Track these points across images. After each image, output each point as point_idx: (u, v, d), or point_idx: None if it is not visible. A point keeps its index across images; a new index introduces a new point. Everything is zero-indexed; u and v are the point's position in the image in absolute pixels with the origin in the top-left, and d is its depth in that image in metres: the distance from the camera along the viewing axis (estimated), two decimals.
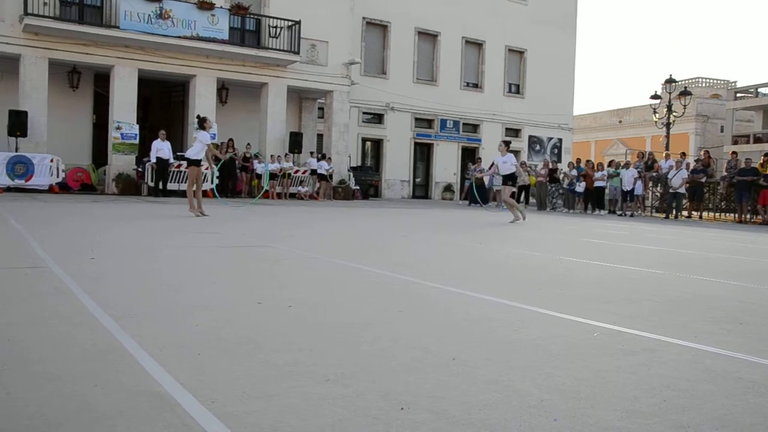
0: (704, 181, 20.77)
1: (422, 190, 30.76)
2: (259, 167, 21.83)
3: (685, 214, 21.00)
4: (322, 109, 25.99)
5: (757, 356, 3.30)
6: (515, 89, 32.89)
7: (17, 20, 18.66)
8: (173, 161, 19.58)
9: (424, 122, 30.15)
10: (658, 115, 27.04)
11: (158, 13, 20.13)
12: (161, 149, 19.19)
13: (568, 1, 34.09)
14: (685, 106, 26.27)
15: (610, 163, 23.77)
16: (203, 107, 21.55)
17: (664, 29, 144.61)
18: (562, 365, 3.00)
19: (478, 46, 31.44)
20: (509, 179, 14.23)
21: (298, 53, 22.40)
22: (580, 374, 2.87)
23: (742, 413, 2.44)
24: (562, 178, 23.57)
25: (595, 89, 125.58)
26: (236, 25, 22.06)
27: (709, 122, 43.29)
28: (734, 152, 22.28)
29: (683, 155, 21.88)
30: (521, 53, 32.73)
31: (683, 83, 39.74)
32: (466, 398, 2.49)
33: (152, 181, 19.65)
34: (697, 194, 20.78)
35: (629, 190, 21.22)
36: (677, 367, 3.06)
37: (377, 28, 28.76)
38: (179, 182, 19.93)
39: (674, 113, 26.28)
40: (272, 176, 21.77)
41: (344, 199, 23.39)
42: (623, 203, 21.69)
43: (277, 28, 22.28)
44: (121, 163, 20.26)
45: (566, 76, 33.93)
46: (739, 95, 41.76)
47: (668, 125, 26.36)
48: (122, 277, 5.14)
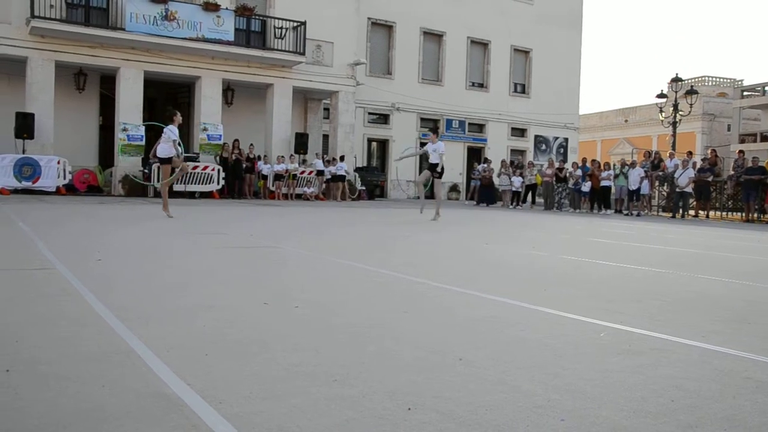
0: (711, 180, 20.71)
1: (428, 189, 30.66)
2: (264, 168, 21.86)
3: (691, 213, 20.93)
4: (327, 109, 26.01)
5: (765, 356, 3.28)
6: (521, 89, 32.84)
7: (24, 23, 18.73)
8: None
9: (429, 122, 30.10)
10: (664, 114, 26.97)
11: (164, 14, 20.17)
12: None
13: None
14: (691, 105, 26.21)
15: (628, 163, 23.61)
16: (209, 108, 21.64)
17: (670, 28, 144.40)
18: (568, 365, 2.99)
19: (483, 45, 31.41)
20: (433, 169, 13.68)
21: (303, 54, 22.41)
22: (587, 374, 2.86)
23: (750, 413, 2.43)
24: (567, 177, 23.52)
25: (601, 88, 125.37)
26: (241, 26, 22.09)
27: (715, 121, 43.18)
28: (741, 151, 22.20)
29: (690, 154, 21.82)
30: (527, 53, 32.69)
31: (689, 82, 39.64)
32: (473, 398, 2.48)
33: (158, 182, 19.68)
34: (703, 193, 20.72)
35: (635, 189, 21.16)
36: (685, 366, 3.05)
37: (382, 28, 28.77)
38: (185, 183, 19.97)
39: (680, 112, 26.21)
40: (278, 177, 21.80)
41: (351, 199, 23.40)
42: (629, 203, 21.63)
43: (282, 29, 22.31)
44: (127, 164, 20.31)
45: (572, 75, 33.86)
46: (746, 94, 41.65)
47: (674, 124, 26.30)
48: (129, 278, 5.15)
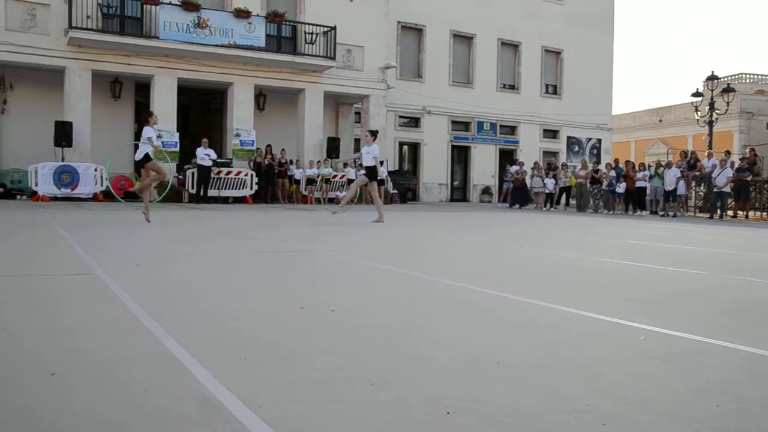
0: (750, 179, 20.32)
1: (460, 193, 30.63)
2: (297, 173, 21.98)
3: (730, 213, 20.56)
4: (358, 113, 26.07)
5: None
6: (552, 90, 32.59)
7: (62, 34, 19.12)
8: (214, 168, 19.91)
9: (460, 125, 30.04)
10: (699, 113, 26.52)
11: (196, 22, 20.42)
12: (204, 157, 19.53)
13: None
14: (728, 103, 25.74)
15: (663, 163, 23.23)
16: (241, 114, 21.85)
17: (704, 25, 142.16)
18: (607, 368, 2.96)
19: (514, 47, 31.24)
20: (370, 172, 12.96)
21: (334, 59, 22.51)
22: (627, 378, 2.83)
23: None
24: (601, 178, 23.24)
25: (634, 88, 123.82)
26: (272, 32, 22.25)
27: (754, 119, 42.32)
28: None
29: (727, 153, 21.44)
30: (558, 54, 32.43)
31: (726, 80, 38.93)
32: (511, 402, 2.47)
33: (193, 187, 19.93)
34: (742, 193, 20.34)
35: (671, 190, 20.85)
36: (729, 371, 2.99)
37: (412, 31, 28.77)
38: (219, 189, 20.19)
39: (717, 111, 25.75)
40: (310, 181, 21.91)
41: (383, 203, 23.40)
42: (665, 203, 21.32)
43: (312, 34, 22.43)
44: None
45: (604, 75, 33.49)
46: None
47: (711, 123, 25.85)
48: (167, 282, 5.21)
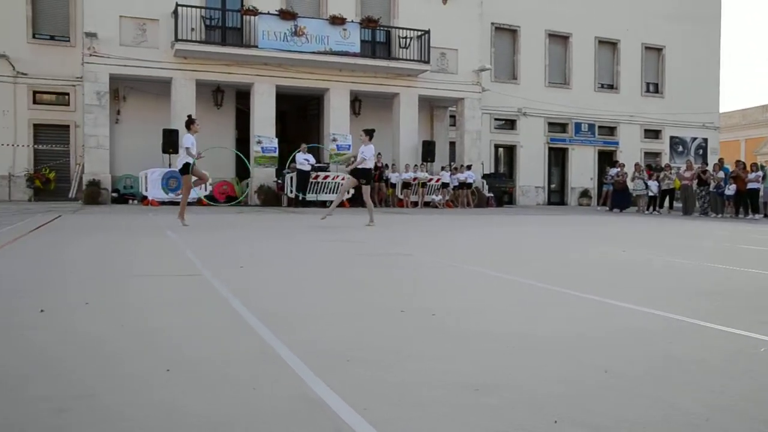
0: None
1: (557, 196, 30.00)
2: (393, 176, 22.11)
3: None
4: (453, 116, 25.98)
5: None
6: (654, 88, 31.44)
7: (169, 46, 19.98)
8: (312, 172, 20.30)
9: (557, 126, 29.43)
10: None
11: (293, 30, 20.88)
12: (303, 162, 19.95)
13: None
14: None
15: None
16: (337, 119, 22.16)
17: None
18: (726, 381, 2.81)
19: (612, 45, 30.35)
20: (362, 175, 12.16)
21: (428, 62, 22.53)
22: (749, 393, 2.68)
23: None
24: (708, 180, 22.18)
25: (744, 83, 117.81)
26: (367, 37, 22.49)
27: None
28: None
29: None
30: (659, 50, 31.26)
31: None
32: (622, 413, 2.38)
33: (292, 191, 20.37)
34: None
35: None
36: None
37: (506, 32, 28.43)
38: (317, 193, 20.55)
39: None
40: (406, 185, 21.99)
41: (478, 206, 23.24)
42: None
43: (406, 38, 22.52)
44: (262, 175, 21.15)
45: (710, 71, 31.99)
46: None
47: None
48: (271, 284, 5.34)
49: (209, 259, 6.82)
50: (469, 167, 23.47)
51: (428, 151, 22.99)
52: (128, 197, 20.33)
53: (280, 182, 21.02)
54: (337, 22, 21.41)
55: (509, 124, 28.68)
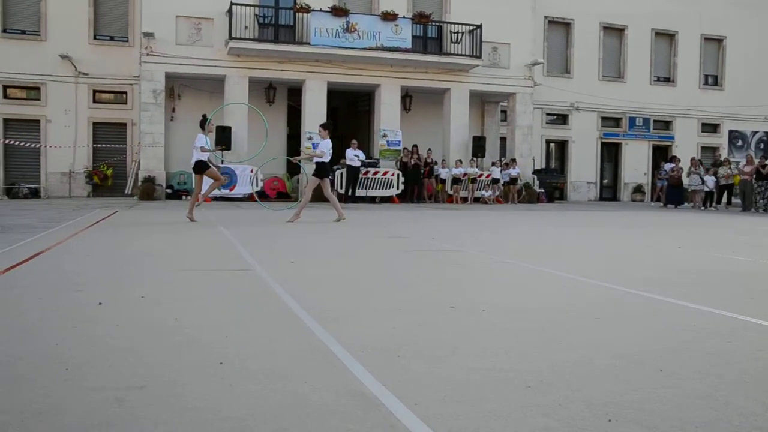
0: None
1: (610, 191, 29.49)
2: (443, 172, 22.04)
3: None
4: (504, 112, 25.76)
5: None
6: (712, 81, 30.60)
7: (223, 45, 20.29)
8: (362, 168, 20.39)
9: (611, 121, 28.91)
10: None
11: (345, 27, 20.97)
12: (353, 158, 20.06)
13: None
14: None
15: None
16: (388, 115, 22.19)
17: None
18: None
19: (669, 37, 29.64)
20: (319, 170, 11.72)
21: (479, 57, 22.37)
22: None
23: None
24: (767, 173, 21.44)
25: None
26: (418, 33, 22.44)
27: None
28: None
29: None
30: (719, 41, 30.39)
31: None
32: (678, 413, 2.33)
33: (342, 187, 20.49)
34: None
35: None
36: None
37: (560, 26, 28.04)
38: (366, 188, 20.62)
39: None
40: (455, 180, 21.90)
41: (529, 202, 23.01)
42: None
43: (458, 33, 22.40)
44: (312, 171, 21.29)
45: None
46: None
47: None
48: (320, 280, 5.38)
49: (260, 254, 6.91)
50: (513, 161, 23.25)
51: (478, 146, 22.84)
52: (182, 193, 20.72)
53: (330, 178, 21.16)
54: (388, 18, 21.42)
55: (561, 118, 28.30)
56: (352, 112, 26.15)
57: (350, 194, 20.20)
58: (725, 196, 23.17)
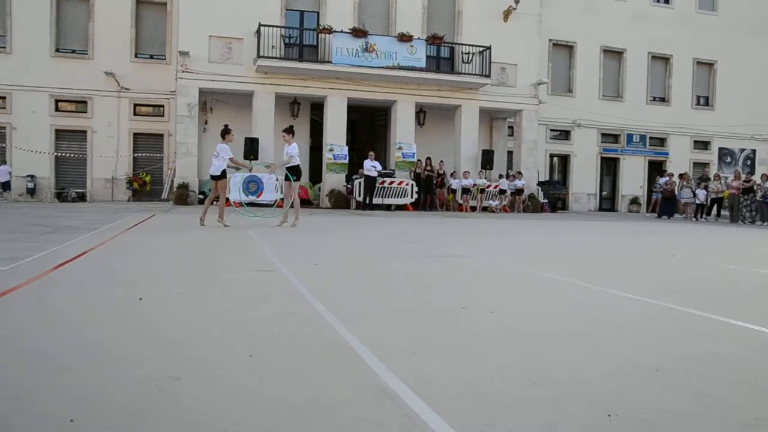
0: None
1: (608, 202, 29.32)
2: (453, 182, 22.02)
3: None
4: (511, 127, 25.68)
5: None
6: (704, 101, 30.37)
7: (252, 63, 20.40)
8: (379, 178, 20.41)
9: (610, 137, 28.76)
10: None
11: (364, 47, 21.02)
12: (370, 169, 20.09)
13: (763, 7, 30.87)
14: None
15: None
16: (403, 129, 22.20)
17: None
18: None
19: (664, 60, 29.46)
20: (293, 173, 11.48)
21: (489, 76, 22.33)
22: None
23: None
24: (755, 189, 21.26)
25: None
26: (432, 53, 22.44)
27: None
28: None
29: None
30: (711, 65, 30.17)
31: None
32: (672, 409, 2.33)
33: (360, 195, 20.51)
34: None
35: None
36: None
37: (563, 48, 27.94)
38: (383, 197, 20.64)
39: None
40: (465, 191, 21.86)
41: (533, 212, 22.94)
42: None
43: (469, 54, 22.39)
44: (333, 180, 21.37)
45: (761, 85, 30.66)
46: None
47: None
48: (341, 281, 5.39)
49: (286, 256, 6.93)
50: (519, 174, 23.20)
51: (487, 159, 22.79)
52: (213, 199, 20.77)
53: (349, 187, 21.20)
54: (404, 39, 21.45)
55: (564, 134, 28.18)
56: (370, 125, 26.17)
57: (367, 202, 20.21)
58: (715, 208, 23.00)
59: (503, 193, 22.70)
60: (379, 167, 20.48)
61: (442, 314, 4.01)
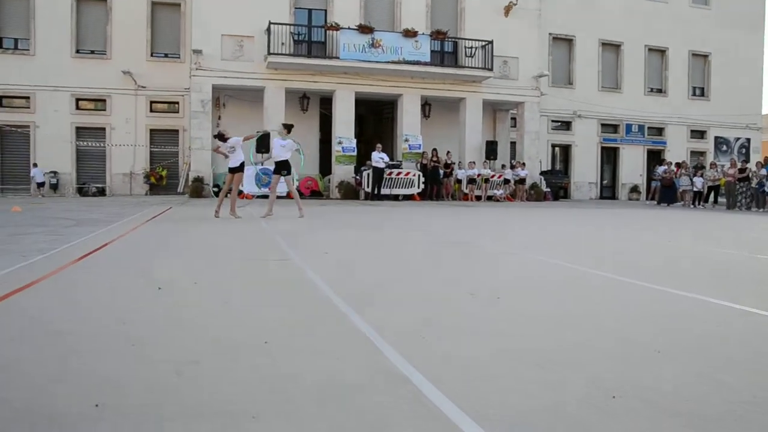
0: None
1: (609, 191, 29.18)
2: (459, 173, 21.95)
3: None
4: (514, 119, 25.58)
5: None
6: (700, 92, 30.11)
7: (262, 59, 20.37)
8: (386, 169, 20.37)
9: (609, 127, 28.59)
10: None
11: (371, 43, 20.93)
12: (378, 160, 20.05)
13: (752, 2, 30.60)
14: None
15: None
16: (409, 121, 22.14)
17: None
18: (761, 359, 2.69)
19: (661, 52, 29.21)
20: (283, 167, 11.24)
21: (491, 70, 22.22)
22: None
23: None
24: (750, 177, 21.11)
25: None
26: (436, 48, 22.32)
27: None
28: None
29: None
30: (705, 57, 29.91)
31: None
32: (674, 389, 2.31)
33: (368, 186, 20.49)
34: None
35: None
36: None
37: (563, 42, 27.75)
38: (390, 187, 20.61)
39: None
40: (471, 181, 21.80)
41: (536, 200, 22.86)
42: None
43: (472, 48, 22.26)
44: (342, 172, 21.35)
45: (754, 75, 30.44)
46: None
47: None
48: (352, 269, 5.38)
49: (297, 245, 6.94)
50: (523, 164, 23.12)
51: (491, 150, 22.70)
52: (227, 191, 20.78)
53: (358, 178, 21.17)
54: (409, 34, 21.35)
55: (565, 125, 28.03)
56: (377, 118, 26.10)
57: (376, 192, 20.19)
58: (712, 195, 22.86)
59: (507, 182, 22.64)
60: (386, 159, 20.44)
61: (450, 300, 4.00)
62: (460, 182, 22.08)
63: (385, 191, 20.48)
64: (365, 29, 20.90)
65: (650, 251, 7.46)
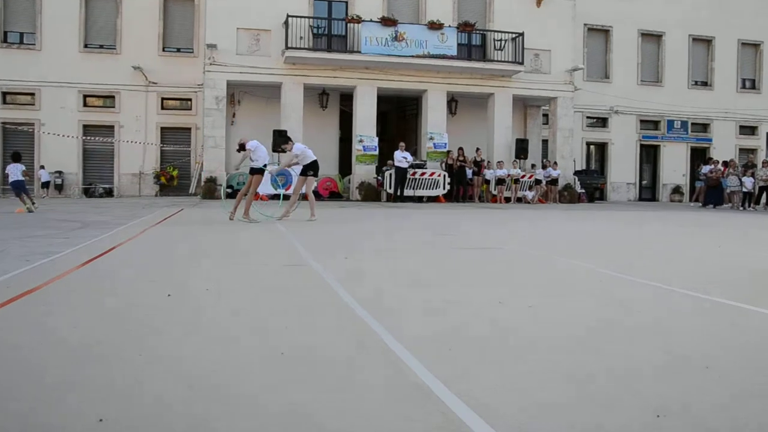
0: None
1: (649, 192, 28.83)
2: (487, 173, 21.83)
3: None
4: (546, 115, 25.42)
5: None
6: (750, 84, 29.65)
7: (280, 54, 20.49)
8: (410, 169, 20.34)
9: (650, 124, 28.27)
10: None
11: (394, 36, 20.94)
12: (401, 160, 20.02)
13: None
14: None
15: None
16: (434, 119, 22.10)
17: None
18: None
19: (706, 42, 28.82)
20: (310, 167, 11.63)
21: (522, 63, 22.11)
22: None
23: None
24: None
25: None
26: (463, 41, 22.26)
27: None
28: None
29: None
30: (756, 46, 29.44)
31: None
32: (725, 410, 2.25)
33: (390, 187, 20.47)
34: None
35: None
36: None
37: (599, 33, 27.52)
38: (414, 188, 20.58)
39: None
40: (500, 181, 21.68)
41: (570, 202, 22.66)
42: None
43: (501, 41, 22.17)
44: (362, 172, 21.36)
45: None
46: None
47: None
48: (372, 274, 5.36)
49: (316, 250, 6.92)
50: (555, 164, 22.93)
51: (521, 148, 22.57)
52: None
53: (379, 179, 21.16)
54: (435, 27, 21.32)
55: (601, 122, 27.79)
56: (400, 116, 26.11)
57: (398, 194, 20.17)
58: (764, 197, 22.37)
59: (538, 183, 22.48)
60: (410, 158, 20.41)
61: (478, 308, 3.95)
62: (488, 183, 21.97)
63: (408, 192, 20.46)
64: (388, 22, 20.92)
65: (690, 256, 7.31)
